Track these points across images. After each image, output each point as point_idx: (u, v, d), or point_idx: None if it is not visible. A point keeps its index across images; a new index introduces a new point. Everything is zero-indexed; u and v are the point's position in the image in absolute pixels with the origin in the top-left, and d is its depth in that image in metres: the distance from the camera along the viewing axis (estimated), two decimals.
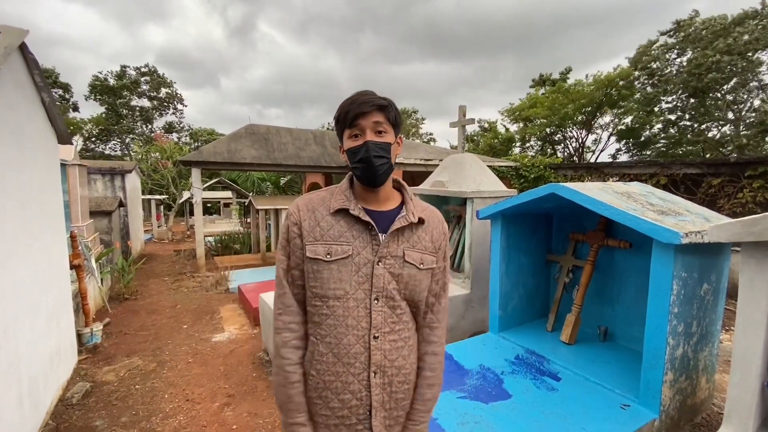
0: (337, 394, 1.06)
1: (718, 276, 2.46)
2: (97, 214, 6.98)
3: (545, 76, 19.07)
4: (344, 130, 1.08)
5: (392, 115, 1.09)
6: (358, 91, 1.10)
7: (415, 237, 1.12)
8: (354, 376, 1.05)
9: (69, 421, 2.79)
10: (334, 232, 1.07)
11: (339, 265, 1.05)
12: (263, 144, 8.94)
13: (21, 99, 2.69)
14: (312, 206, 1.11)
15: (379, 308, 1.07)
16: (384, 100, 1.07)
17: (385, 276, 1.07)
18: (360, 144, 1.05)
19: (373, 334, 1.06)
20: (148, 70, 25.94)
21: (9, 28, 2.42)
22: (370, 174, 1.06)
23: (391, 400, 1.09)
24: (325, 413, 1.07)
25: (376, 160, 1.04)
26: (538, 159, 10.17)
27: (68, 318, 3.52)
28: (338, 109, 1.08)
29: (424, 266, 1.12)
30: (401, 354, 1.10)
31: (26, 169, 2.70)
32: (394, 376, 1.09)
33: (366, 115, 1.04)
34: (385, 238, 1.08)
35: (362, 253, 1.07)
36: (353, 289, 1.06)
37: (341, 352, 1.05)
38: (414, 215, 1.11)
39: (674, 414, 2.31)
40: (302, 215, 1.10)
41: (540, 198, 2.78)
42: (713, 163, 6.80)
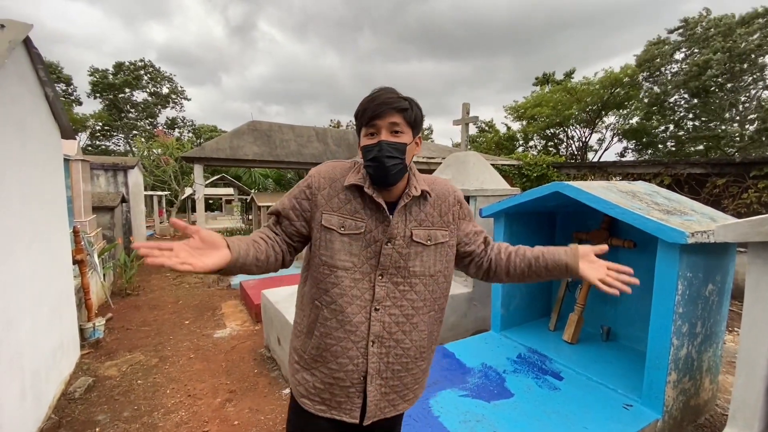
0: (336, 357, 1.11)
1: (723, 276, 2.44)
2: (99, 209, 6.99)
3: (548, 74, 18.98)
4: (361, 127, 1.10)
5: (412, 116, 1.08)
6: (380, 88, 1.10)
7: (422, 214, 1.14)
8: (353, 343, 1.10)
9: (71, 415, 2.80)
10: (351, 206, 1.10)
11: (351, 239, 1.09)
12: (266, 141, 8.94)
13: (25, 93, 2.68)
14: (334, 176, 1.14)
15: (382, 283, 1.11)
16: (405, 102, 1.07)
17: (392, 255, 1.10)
18: (374, 143, 1.06)
19: (374, 306, 1.10)
20: (143, 65, 25.90)
21: (13, 22, 2.41)
22: (382, 173, 1.06)
23: (387, 370, 1.14)
24: (323, 371, 1.13)
25: (388, 160, 1.04)
26: (541, 158, 10.13)
27: (71, 313, 3.53)
28: (359, 106, 1.09)
29: (432, 242, 1.14)
30: (402, 329, 1.13)
31: (29, 164, 2.70)
32: (392, 348, 1.13)
33: (383, 115, 1.05)
34: (394, 219, 1.10)
35: (374, 231, 1.10)
36: (361, 262, 1.10)
37: (344, 319, 1.10)
38: (417, 189, 1.12)
39: (677, 415, 2.30)
40: (322, 183, 1.13)
41: (544, 196, 2.76)
42: (718, 162, 6.75)
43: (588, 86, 15.57)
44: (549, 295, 3.66)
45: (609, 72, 15.20)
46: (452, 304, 3.78)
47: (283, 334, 3.24)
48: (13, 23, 2.41)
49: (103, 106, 24.84)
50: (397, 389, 1.18)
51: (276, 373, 3.40)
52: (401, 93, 1.11)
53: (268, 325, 3.77)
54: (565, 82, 17.23)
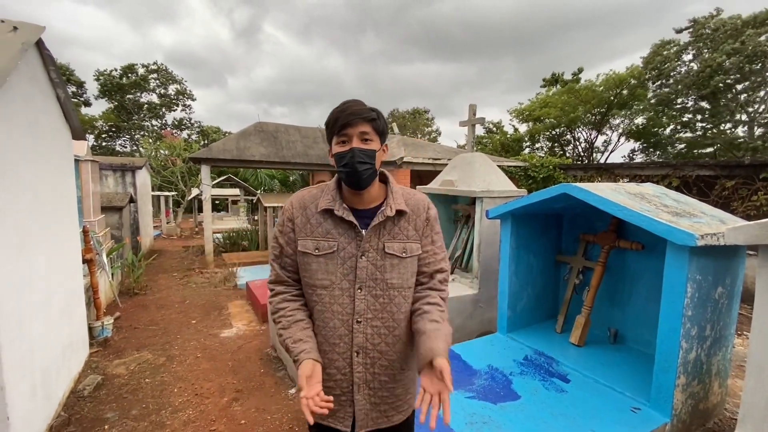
0: (324, 369, 1.16)
1: (732, 279, 2.42)
2: (108, 209, 7.06)
3: (557, 75, 18.88)
4: (333, 136, 1.17)
5: (379, 125, 1.17)
6: (348, 100, 1.18)
7: (396, 228, 1.20)
8: (339, 354, 1.18)
9: (81, 412, 2.84)
10: (322, 229, 1.18)
11: (326, 259, 1.17)
12: (272, 142, 8.98)
13: (37, 94, 2.73)
14: (304, 203, 1.22)
15: (361, 297, 1.17)
16: (372, 113, 1.15)
17: (368, 268, 1.17)
18: (346, 150, 1.13)
19: (356, 318, 1.17)
20: (157, 68, 26.21)
21: (26, 24, 2.45)
22: (354, 178, 1.14)
23: (374, 380, 1.19)
24: None
25: (360, 165, 1.12)
26: (547, 159, 10.08)
27: (80, 311, 3.57)
28: (329, 116, 1.17)
29: (407, 254, 1.20)
30: (385, 341, 1.19)
31: (41, 164, 2.74)
32: (377, 359, 1.19)
33: (354, 125, 1.12)
34: (367, 234, 1.17)
35: (347, 248, 1.17)
36: (339, 279, 1.17)
37: (328, 333, 1.18)
38: (392, 209, 1.19)
39: (686, 418, 2.28)
40: (295, 212, 1.22)
41: (551, 198, 2.75)
42: (727, 164, 6.68)
43: (592, 88, 15.47)
44: (556, 297, 3.65)
45: (613, 74, 15.12)
46: (458, 305, 3.77)
47: None
48: (26, 25, 2.45)
49: (113, 107, 25.11)
50: (389, 400, 1.22)
51: (282, 373, 3.42)
52: (368, 104, 1.19)
53: (274, 326, 3.78)
54: (573, 83, 17.12)
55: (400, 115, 31.76)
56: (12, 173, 2.26)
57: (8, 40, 2.22)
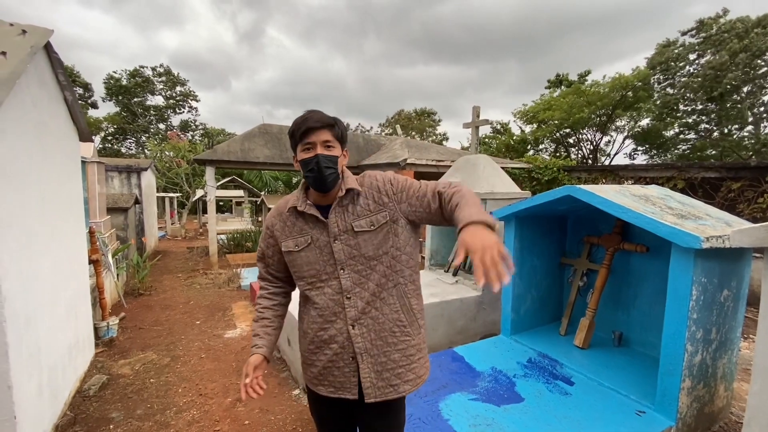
0: (328, 344, 1.32)
1: (738, 282, 2.40)
2: (113, 210, 7.12)
3: (562, 76, 18.81)
4: (297, 144, 1.27)
5: (339, 132, 1.28)
6: (308, 110, 1.28)
7: (358, 208, 1.30)
8: (337, 330, 1.30)
9: (86, 412, 2.86)
10: (296, 228, 1.33)
11: (306, 252, 1.31)
12: (276, 143, 9.02)
13: (45, 96, 2.76)
14: (279, 210, 1.40)
15: (345, 275, 1.28)
16: (332, 120, 1.27)
17: (344, 250, 1.28)
18: (311, 156, 1.24)
19: (345, 295, 1.28)
20: (163, 71, 26.45)
21: (35, 27, 2.48)
22: (320, 182, 1.25)
23: (374, 348, 1.30)
24: (321, 358, 1.34)
25: (326, 170, 1.24)
26: (552, 161, 10.05)
27: (86, 311, 3.60)
28: (292, 125, 1.28)
29: (377, 225, 1.29)
30: (374, 306, 1.29)
31: (49, 165, 2.77)
32: (372, 326, 1.29)
33: (316, 131, 1.23)
34: (331, 220, 1.29)
35: (320, 237, 1.30)
36: (321, 266, 1.30)
37: (326, 313, 1.31)
38: (342, 189, 1.29)
39: (691, 422, 2.27)
40: (273, 220, 1.40)
41: (555, 200, 2.75)
42: (733, 166, 6.63)
43: (598, 89, 15.41)
44: (560, 300, 3.63)
45: (620, 76, 15.04)
46: (461, 307, 3.77)
47: (293, 335, 3.26)
48: (35, 29, 2.48)
49: (119, 109, 25.35)
50: (389, 367, 1.31)
51: (286, 374, 3.43)
52: (328, 114, 1.30)
53: None
54: (578, 84, 17.05)
55: (406, 116, 31.73)
56: (21, 175, 2.29)
57: (17, 43, 2.25)
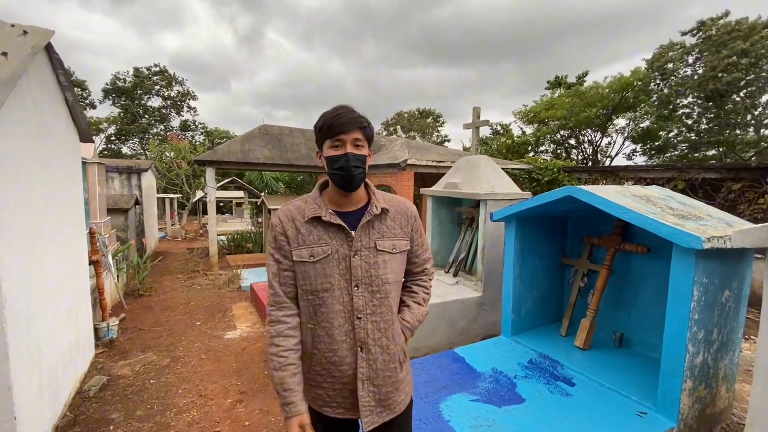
0: (337, 366, 1.23)
1: (740, 283, 2.40)
2: (114, 211, 7.12)
3: (561, 77, 18.83)
4: (326, 139, 1.23)
5: (370, 133, 1.25)
6: (340, 106, 1.23)
7: (384, 227, 1.28)
8: (347, 351, 1.23)
9: (86, 413, 2.85)
10: (314, 236, 1.23)
11: (322, 264, 1.22)
12: (276, 144, 9.03)
13: (46, 97, 2.76)
14: (291, 216, 1.27)
15: (359, 294, 1.23)
16: (364, 121, 1.23)
17: (361, 266, 1.23)
18: (341, 154, 1.19)
19: (356, 315, 1.23)
20: (159, 70, 26.51)
21: (36, 28, 2.48)
22: (348, 181, 1.21)
23: (378, 377, 1.25)
24: (330, 381, 1.25)
25: (354, 169, 1.20)
26: (552, 162, 10.05)
27: (86, 312, 3.60)
28: (321, 119, 1.22)
29: (397, 250, 1.28)
30: (385, 335, 1.25)
31: (50, 165, 2.77)
32: (379, 354, 1.24)
33: (348, 131, 1.19)
34: (357, 234, 1.23)
35: (340, 249, 1.23)
36: (337, 280, 1.22)
37: (334, 332, 1.22)
38: (377, 207, 1.26)
39: (693, 423, 2.26)
40: (285, 225, 1.26)
41: (556, 200, 2.75)
42: (733, 167, 6.63)
43: (598, 90, 15.42)
44: (560, 301, 3.63)
45: (620, 77, 15.05)
46: (462, 308, 3.76)
47: None
48: (36, 29, 2.48)
49: (119, 111, 25.45)
50: (392, 395, 1.28)
51: None
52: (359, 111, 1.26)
53: None
54: (577, 86, 17.06)
55: (411, 115, 31.67)
56: (22, 176, 2.29)
57: (18, 43, 2.25)
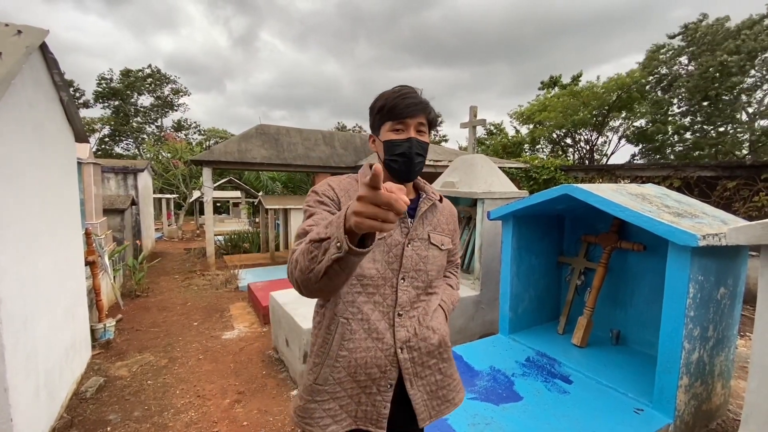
0: (366, 368, 1.09)
1: (735, 280, 2.42)
2: (110, 212, 7.08)
3: (555, 78, 18.90)
4: (386, 122, 1.11)
5: (434, 118, 1.15)
6: (404, 86, 1.13)
7: (435, 220, 1.22)
8: (382, 351, 1.10)
9: (83, 414, 2.84)
10: None
11: (374, 246, 0.97)
12: (273, 144, 9.01)
13: (41, 97, 2.74)
14: (345, 187, 1.15)
15: (404, 287, 1.13)
16: (428, 105, 1.13)
17: (413, 257, 1.14)
18: (404, 138, 1.09)
19: (398, 311, 1.12)
20: (151, 72, 26.44)
21: (30, 28, 2.47)
22: (408, 169, 1.11)
23: (424, 370, 1.16)
24: (351, 386, 1.11)
25: (417, 157, 1.10)
26: (549, 161, 10.08)
27: (83, 313, 3.58)
28: (381, 100, 1.11)
29: (444, 247, 1.22)
30: (425, 325, 1.16)
31: (45, 166, 2.76)
32: (422, 348, 1.15)
33: (414, 115, 1.09)
34: (415, 222, 1.16)
35: (393, 235, 1.12)
36: (383, 268, 1.11)
37: (371, 327, 1.10)
38: (435, 194, 1.22)
39: (689, 419, 2.28)
40: (339, 193, 1.12)
41: (552, 199, 2.76)
42: (728, 165, 6.68)
43: (594, 90, 15.49)
44: (558, 299, 3.65)
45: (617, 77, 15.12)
46: (459, 307, 3.77)
47: (291, 335, 3.25)
48: (30, 29, 2.46)
49: (111, 112, 25.40)
50: (443, 383, 1.21)
51: (284, 375, 3.42)
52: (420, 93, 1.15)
53: (276, 327, 3.79)
54: (571, 86, 17.13)
55: None
56: (18, 176, 2.27)
57: (13, 43, 2.24)
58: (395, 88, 1.13)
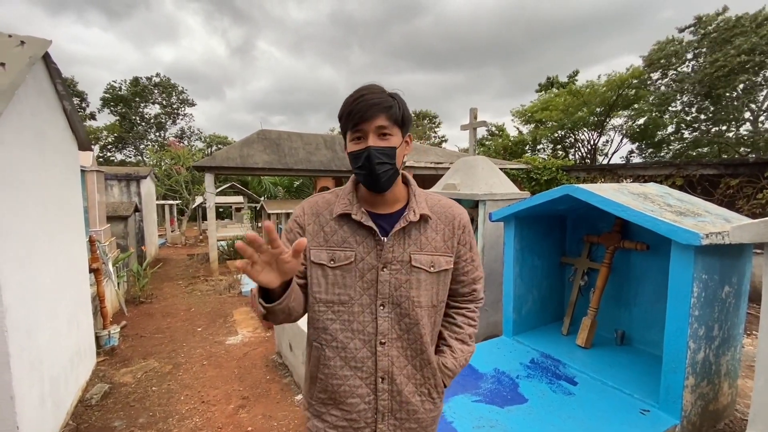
0: (346, 397, 1.03)
1: (739, 278, 2.40)
2: (113, 218, 7.12)
3: (552, 78, 18.93)
4: (347, 131, 1.02)
5: (399, 114, 1.00)
6: (364, 87, 1.01)
7: (423, 238, 1.06)
8: (362, 380, 1.03)
9: (89, 421, 2.84)
10: (338, 237, 1.04)
11: (343, 271, 1.02)
12: (275, 149, 9.04)
13: (44, 106, 2.77)
14: (317, 210, 1.08)
15: (385, 314, 1.03)
16: (391, 99, 0.99)
17: (390, 282, 1.02)
18: (361, 149, 0.98)
19: (380, 339, 1.03)
20: (160, 81, 26.68)
21: (33, 38, 2.49)
22: (372, 180, 1.01)
23: (402, 410, 1.05)
24: (335, 414, 1.06)
25: (379, 167, 0.98)
26: (550, 161, 10.07)
27: (87, 320, 3.59)
28: (342, 107, 1.01)
29: (435, 269, 1.06)
30: (411, 363, 1.06)
31: (49, 175, 2.78)
32: (404, 385, 1.05)
33: (369, 118, 0.96)
34: (388, 242, 1.03)
35: (366, 258, 1.03)
36: (357, 294, 1.02)
37: (348, 356, 1.03)
38: (415, 213, 1.05)
39: (696, 420, 2.26)
40: (307, 219, 1.08)
41: (554, 200, 2.76)
42: (731, 163, 6.65)
43: (594, 89, 15.48)
44: (561, 300, 3.63)
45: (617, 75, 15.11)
46: None
47: (295, 340, 3.25)
48: (33, 39, 2.49)
49: (117, 119, 25.60)
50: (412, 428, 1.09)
51: (288, 380, 3.41)
52: (387, 89, 1.02)
53: (279, 332, 3.79)
54: (570, 85, 17.15)
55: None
56: (21, 184, 2.29)
57: (16, 54, 2.26)
58: (357, 89, 1.01)
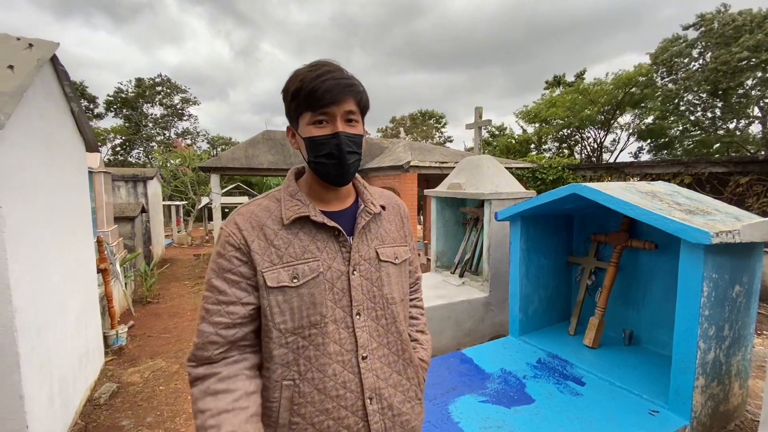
0: (333, 430, 0.88)
1: (750, 278, 2.37)
2: (120, 219, 7.18)
3: (559, 77, 18.82)
4: (305, 111, 0.86)
5: (365, 101, 0.91)
6: (321, 62, 0.88)
7: (382, 230, 0.99)
8: (347, 409, 0.88)
9: (97, 420, 2.87)
10: (295, 248, 0.88)
11: (309, 288, 0.87)
12: (280, 149, 9.07)
13: (52, 108, 2.80)
14: (257, 221, 0.89)
15: (362, 323, 0.91)
16: (358, 83, 0.89)
17: (363, 285, 0.92)
18: (329, 134, 0.86)
19: (361, 354, 0.90)
20: (161, 80, 26.93)
21: (41, 41, 2.52)
22: (340, 172, 0.89)
23: (395, 427, 0.94)
24: None
25: (350, 156, 0.88)
26: (556, 160, 10.01)
27: (95, 320, 3.62)
28: (296, 81, 0.85)
29: (399, 260, 1.00)
30: (395, 369, 0.96)
31: (57, 176, 2.81)
32: (393, 397, 0.94)
33: (340, 101, 0.84)
34: (355, 241, 0.92)
35: (333, 265, 0.90)
36: (329, 310, 0.89)
37: (327, 386, 0.87)
38: (375, 204, 0.97)
39: (706, 421, 2.23)
40: (247, 235, 0.87)
41: (560, 198, 2.73)
42: (741, 161, 6.57)
43: (601, 87, 15.38)
44: (568, 299, 3.60)
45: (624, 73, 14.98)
46: (468, 309, 3.75)
47: None
48: (41, 42, 2.52)
49: (123, 121, 25.91)
50: None
51: None
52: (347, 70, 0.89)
53: None
54: (577, 84, 17.04)
55: (412, 118, 31.76)
56: (30, 186, 2.31)
57: (24, 56, 2.29)
58: (313, 63, 0.88)
